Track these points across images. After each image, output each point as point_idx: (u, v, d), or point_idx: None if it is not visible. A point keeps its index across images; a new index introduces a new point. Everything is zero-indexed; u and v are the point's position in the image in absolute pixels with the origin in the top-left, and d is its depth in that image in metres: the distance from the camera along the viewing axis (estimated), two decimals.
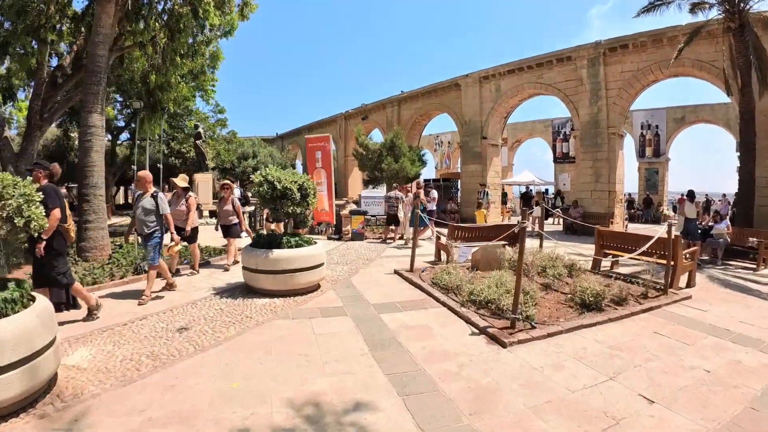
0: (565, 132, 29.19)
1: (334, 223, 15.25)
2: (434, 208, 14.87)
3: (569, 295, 6.61)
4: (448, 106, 24.30)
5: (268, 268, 6.81)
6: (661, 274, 7.32)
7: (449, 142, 38.52)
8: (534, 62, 19.69)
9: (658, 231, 7.83)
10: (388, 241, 13.72)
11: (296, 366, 4.40)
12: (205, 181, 21.03)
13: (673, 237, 7.41)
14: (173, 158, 25.84)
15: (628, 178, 18.89)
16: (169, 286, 7.37)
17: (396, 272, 8.72)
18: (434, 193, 14.93)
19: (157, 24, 13.86)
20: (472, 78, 22.45)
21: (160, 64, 14.40)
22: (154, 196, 6.74)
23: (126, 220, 18.34)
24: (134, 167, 17.18)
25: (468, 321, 5.67)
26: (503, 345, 4.89)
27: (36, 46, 12.97)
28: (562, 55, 18.57)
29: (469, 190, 22.70)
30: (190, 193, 8.62)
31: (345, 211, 15.09)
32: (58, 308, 6.40)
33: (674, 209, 28.85)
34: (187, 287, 7.67)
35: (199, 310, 6.31)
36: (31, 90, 13.94)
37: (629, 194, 28.46)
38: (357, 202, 17.44)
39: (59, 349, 4.06)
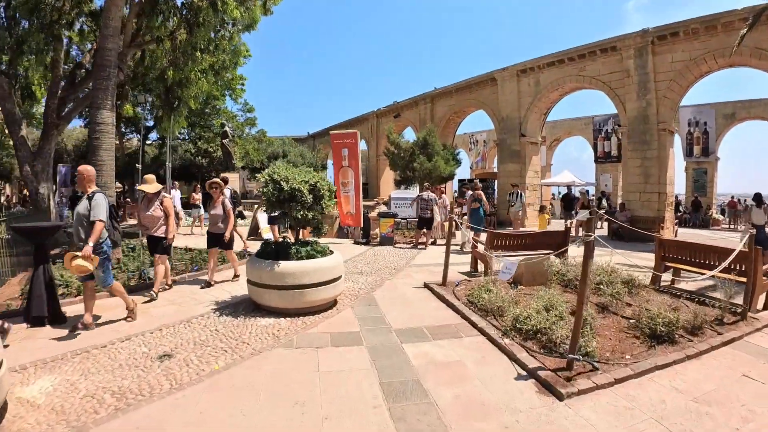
0: (606, 130, 27.33)
1: (361, 226, 14.25)
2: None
3: (632, 321, 5.37)
4: (483, 102, 23.10)
5: (273, 282, 5.84)
6: (731, 291, 5.92)
7: (485, 141, 37.21)
8: (576, 53, 18.31)
9: (717, 238, 6.41)
10: (419, 246, 12.61)
11: (287, 420, 3.38)
12: (232, 180, 20.49)
13: (752, 249, 6.04)
14: (200, 158, 25.52)
15: (675, 179, 17.17)
16: (130, 314, 5.86)
17: (426, 286, 7.61)
18: (471, 195, 13.71)
19: (175, 18, 13.29)
20: (509, 72, 21.16)
21: (178, 59, 13.83)
22: (90, 198, 5.30)
23: None
24: (168, 165, 16.66)
25: (512, 358, 4.50)
26: (559, 397, 3.72)
27: (50, 43, 12.52)
28: (606, 45, 17.15)
29: (506, 191, 21.34)
30: (164, 194, 7.23)
31: (373, 214, 14.07)
32: (39, 322, 5.65)
33: (722, 212, 26.59)
34: (188, 300, 6.81)
35: (191, 331, 5.40)
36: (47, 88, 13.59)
37: (676, 196, 26.44)
38: (387, 204, 16.39)
39: (5, 380, 3.40)
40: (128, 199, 23.99)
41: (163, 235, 6.95)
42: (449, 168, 20.82)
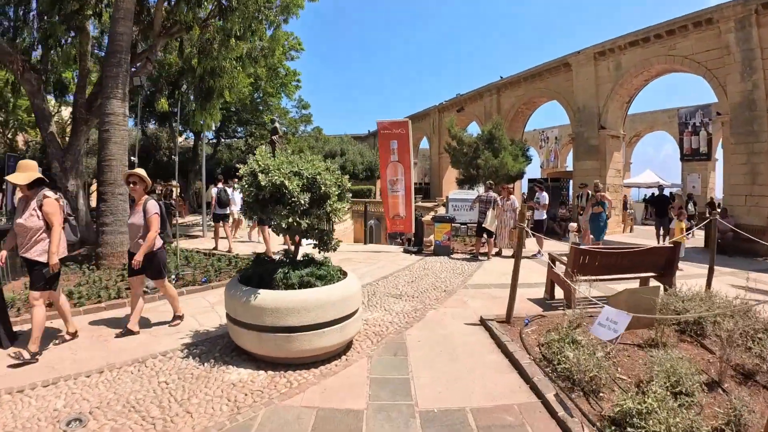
0: (694, 123, 23.27)
1: (412, 232, 12.24)
2: (544, 216, 11.18)
3: None
4: (556, 90, 20.51)
5: (249, 320, 4.01)
6: None
7: (556, 138, 34.01)
8: (663, 29, 15.40)
9: None
10: (480, 257, 10.41)
11: None
12: None
13: None
14: (251, 156, 24.62)
15: None
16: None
17: (483, 322, 5.48)
18: (544, 197, 11.24)
19: (206, 2, 12.07)
20: (585, 55, 18.42)
21: (209, 47, 12.57)
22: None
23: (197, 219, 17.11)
24: (202, 163, 15.56)
25: None
26: None
27: (74, 36, 11.73)
28: (699, 18, 14.18)
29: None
30: (48, 193, 4.40)
31: (427, 218, 12.04)
32: None
33: None
34: (158, 331, 5.16)
35: (133, 381, 3.84)
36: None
37: None
38: (446, 206, 14.29)
39: None
40: (182, 196, 23.60)
41: (39, 259, 4.26)
42: (518, 165, 18.34)
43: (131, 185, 5.03)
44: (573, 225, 11.17)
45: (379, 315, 5.81)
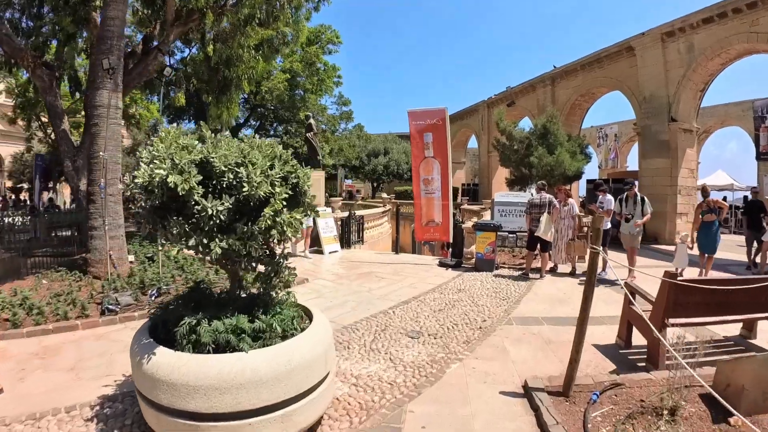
0: None
1: (449, 241, 10.46)
2: (608, 225, 8.99)
3: None
4: (618, 79, 18.08)
5: (144, 391, 2.52)
6: None
7: (616, 135, 31.28)
8: (743, 2, 12.89)
9: None
10: (530, 275, 8.50)
11: None
12: (315, 179, 17.80)
13: None
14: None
15: None
16: None
17: (527, 392, 3.68)
18: (609, 201, 9.00)
19: None
20: (651, 36, 15.95)
21: (224, 34, 11.39)
22: None
23: None
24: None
25: None
26: None
27: (82, 28, 10.98)
28: None
29: (651, 196, 16.00)
30: None
31: (468, 225, 10.23)
32: None
33: None
34: (87, 370, 3.77)
35: None
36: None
37: None
38: (491, 210, 12.39)
39: None
40: None
41: None
42: (576, 164, 16.06)
43: None
44: (682, 234, 9.02)
45: (379, 369, 4.14)
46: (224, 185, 2.62)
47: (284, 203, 2.69)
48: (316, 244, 11.40)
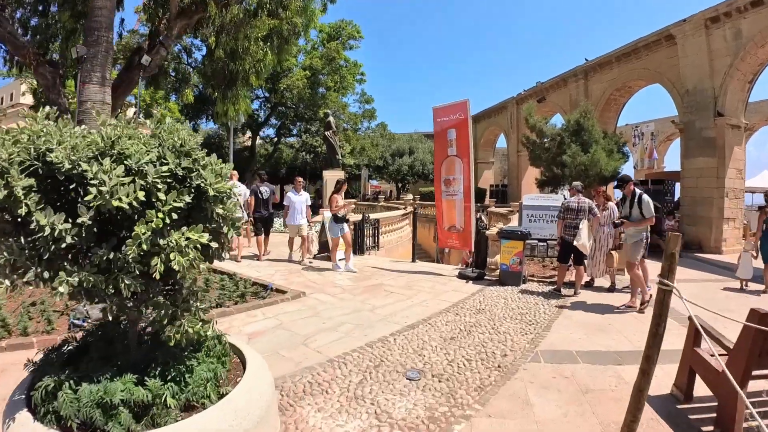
0: None
1: (471, 250, 9.37)
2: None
3: None
4: (656, 71, 16.76)
5: None
6: None
7: (653, 134, 29.34)
8: None
9: None
10: (563, 291, 7.34)
11: None
12: (333, 179, 16.97)
13: None
14: (305, 153, 22.86)
15: None
16: None
17: None
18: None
19: None
20: (694, 23, 14.62)
21: (230, 25, 10.64)
22: None
23: None
24: (230, 156, 13.79)
25: None
26: None
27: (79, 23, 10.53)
28: None
29: (695, 198, 14.59)
30: None
31: (492, 231, 9.12)
32: None
33: None
34: None
35: None
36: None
37: None
38: (519, 213, 11.23)
39: None
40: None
41: None
42: (613, 163, 14.73)
43: None
44: (748, 242, 7.71)
45: (358, 428, 3.14)
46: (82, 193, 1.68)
47: (173, 217, 1.73)
48: (325, 249, 10.49)
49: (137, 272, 1.72)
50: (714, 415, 3.31)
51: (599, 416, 3.35)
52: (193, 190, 1.83)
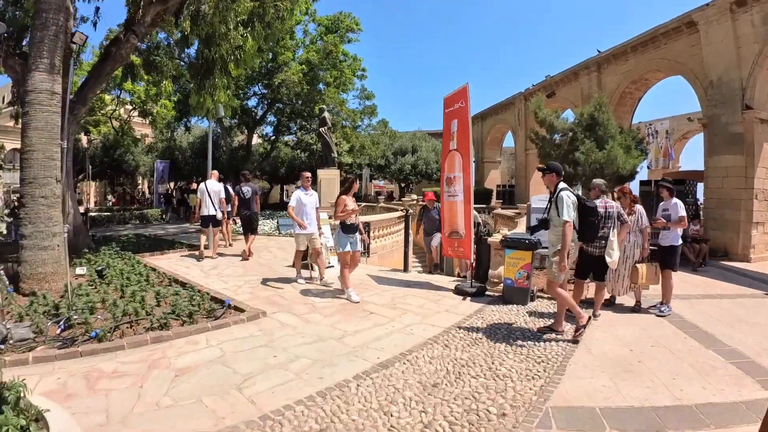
0: None
1: (472, 261, 8.10)
2: (678, 241, 6.22)
3: None
4: (677, 61, 15.50)
5: None
6: None
7: (667, 131, 28.12)
8: None
9: None
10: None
11: None
12: (329, 178, 15.80)
13: None
14: (300, 151, 21.72)
15: None
16: None
17: None
18: (679, 207, 6.28)
19: None
20: (717, 7, 13.38)
21: (205, 4, 9.55)
22: None
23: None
24: (209, 155, 12.71)
25: None
26: None
27: None
28: None
29: (721, 201, 13.31)
30: None
31: (495, 238, 7.85)
32: None
33: None
34: None
35: None
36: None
37: None
38: (527, 216, 9.94)
39: None
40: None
41: None
42: (632, 161, 13.47)
43: None
44: None
45: None
46: None
47: None
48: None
49: None
50: None
51: None
52: None
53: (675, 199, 6.44)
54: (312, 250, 7.94)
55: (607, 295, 6.52)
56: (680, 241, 6.35)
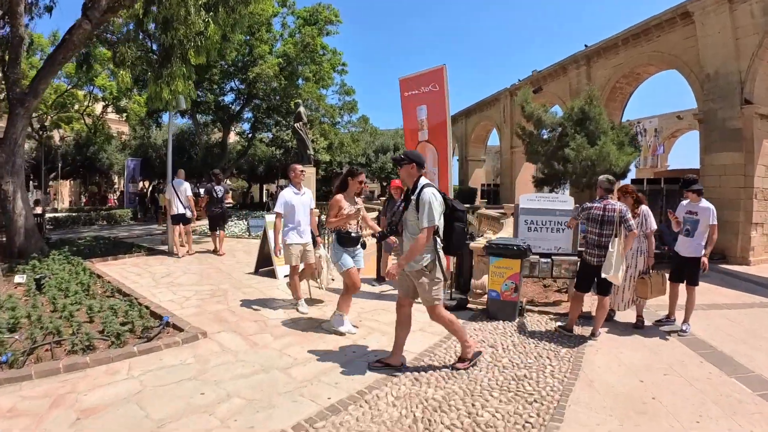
0: None
1: (451, 270, 7.23)
2: (701, 251, 5.40)
3: None
4: (671, 53, 14.70)
5: None
6: None
7: (656, 130, 27.67)
8: None
9: None
10: (575, 331, 5.17)
11: None
12: (305, 176, 14.88)
13: None
14: (274, 148, 20.73)
15: None
16: None
17: None
18: (710, 211, 5.53)
19: None
20: None
21: None
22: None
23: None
24: (169, 151, 11.69)
25: None
26: None
27: None
28: None
29: (718, 200, 12.54)
30: None
31: (478, 244, 6.96)
32: None
33: None
34: None
35: None
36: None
37: None
38: (515, 217, 9.07)
39: None
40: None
41: None
42: (625, 157, 12.71)
43: None
44: None
45: None
46: None
47: None
48: (268, 263, 8.35)
49: None
50: None
51: None
52: None
53: (706, 202, 5.60)
54: (305, 266, 6.10)
55: (611, 309, 5.67)
56: (703, 251, 5.50)
